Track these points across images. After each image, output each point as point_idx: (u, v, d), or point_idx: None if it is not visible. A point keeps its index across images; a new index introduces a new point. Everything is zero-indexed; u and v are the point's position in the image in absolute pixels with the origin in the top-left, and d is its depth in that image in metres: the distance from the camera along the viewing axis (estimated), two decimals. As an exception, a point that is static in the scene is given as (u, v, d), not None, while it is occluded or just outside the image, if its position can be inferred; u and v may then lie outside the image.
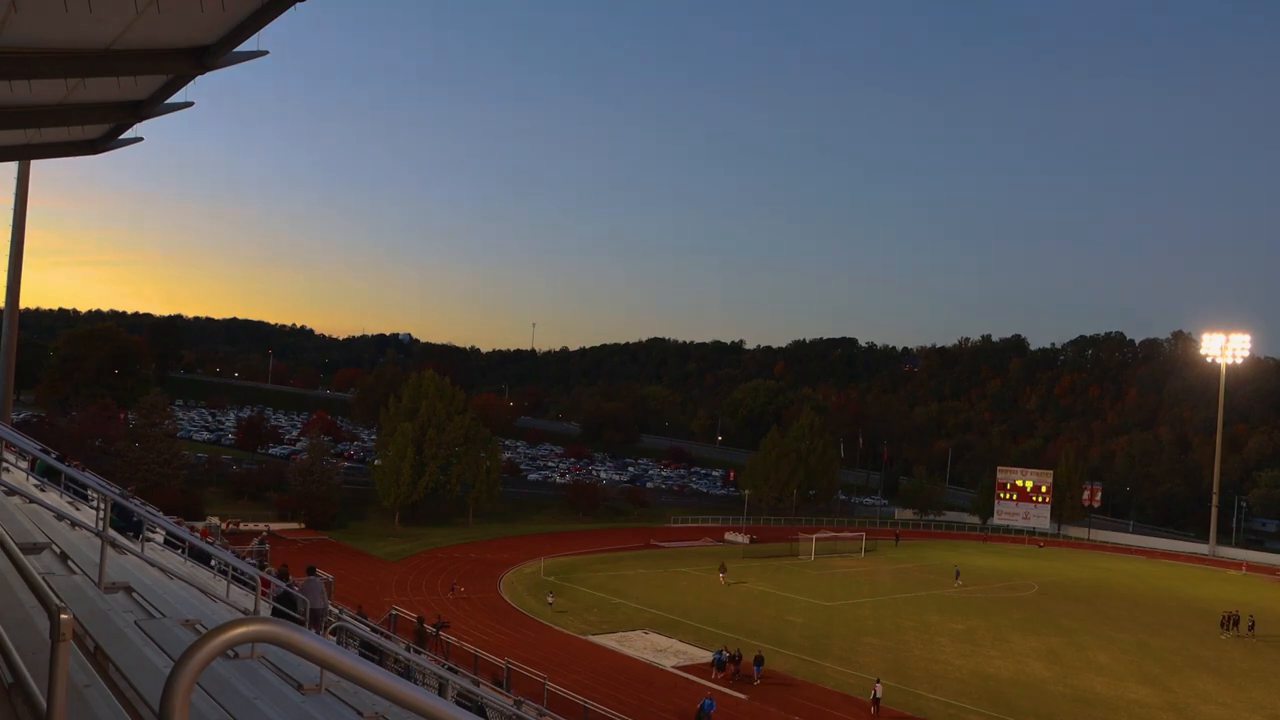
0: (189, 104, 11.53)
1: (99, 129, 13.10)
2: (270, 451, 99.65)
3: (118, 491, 13.98)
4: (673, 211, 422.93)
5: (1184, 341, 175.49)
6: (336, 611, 19.20)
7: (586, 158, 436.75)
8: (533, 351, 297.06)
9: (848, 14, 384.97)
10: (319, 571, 16.90)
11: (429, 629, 33.65)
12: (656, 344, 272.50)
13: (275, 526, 64.87)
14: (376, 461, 77.97)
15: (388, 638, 22.16)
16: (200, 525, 46.10)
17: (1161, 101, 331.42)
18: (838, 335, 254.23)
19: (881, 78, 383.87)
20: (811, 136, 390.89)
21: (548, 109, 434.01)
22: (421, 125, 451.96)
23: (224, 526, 56.13)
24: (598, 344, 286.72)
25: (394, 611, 38.25)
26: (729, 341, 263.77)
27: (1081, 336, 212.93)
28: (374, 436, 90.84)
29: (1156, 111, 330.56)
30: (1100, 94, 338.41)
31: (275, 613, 13.48)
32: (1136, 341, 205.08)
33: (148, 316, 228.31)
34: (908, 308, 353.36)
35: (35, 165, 30.49)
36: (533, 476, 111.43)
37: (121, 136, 13.39)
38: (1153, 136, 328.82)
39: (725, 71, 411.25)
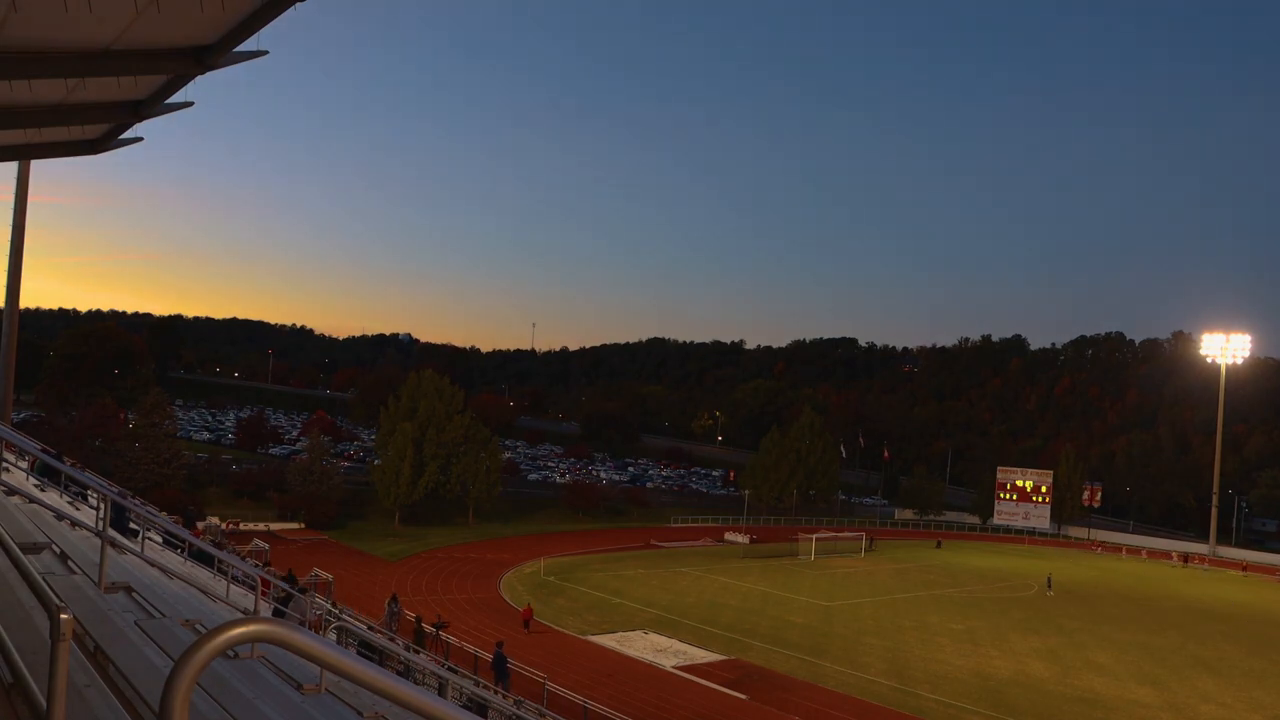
0: (189, 104, 11.53)
1: (99, 129, 13.10)
2: (270, 451, 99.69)
3: (117, 491, 13.98)
4: (672, 211, 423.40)
5: (1184, 341, 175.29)
6: (336, 611, 19.22)
7: (586, 158, 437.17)
8: (533, 351, 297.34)
9: (847, 21, 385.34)
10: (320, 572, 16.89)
11: (428, 629, 33.66)
12: (656, 344, 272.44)
13: (275, 526, 64.93)
14: (376, 461, 77.96)
15: (390, 639, 22.17)
16: (197, 525, 46.09)
17: (1160, 101, 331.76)
18: (838, 335, 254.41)
19: (880, 80, 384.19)
20: (810, 137, 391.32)
21: (547, 108, 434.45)
22: (421, 124, 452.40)
23: (224, 526, 56.21)
24: (598, 344, 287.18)
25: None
26: (729, 341, 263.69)
27: (1081, 336, 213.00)
28: (374, 436, 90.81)
29: (1155, 110, 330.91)
30: (1099, 93, 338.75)
31: (275, 613, 13.48)
32: (1136, 341, 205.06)
33: (148, 316, 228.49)
34: (908, 308, 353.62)
35: (35, 164, 30.49)
36: (533, 476, 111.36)
37: (121, 136, 13.39)
38: (1152, 136, 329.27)
39: (724, 75, 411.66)
